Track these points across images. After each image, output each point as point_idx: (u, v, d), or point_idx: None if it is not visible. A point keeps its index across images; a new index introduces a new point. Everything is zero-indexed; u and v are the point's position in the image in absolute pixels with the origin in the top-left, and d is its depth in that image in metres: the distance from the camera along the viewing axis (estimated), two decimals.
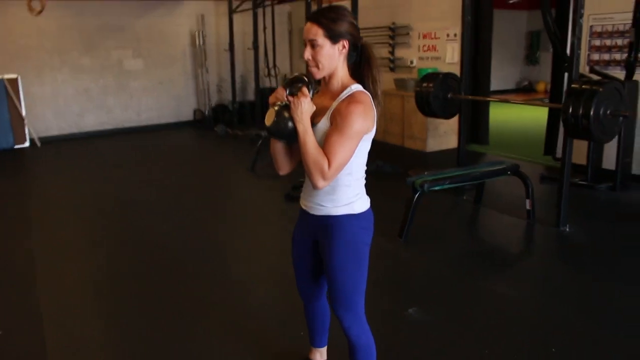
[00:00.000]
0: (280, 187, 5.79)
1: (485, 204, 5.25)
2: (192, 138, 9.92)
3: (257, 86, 9.28)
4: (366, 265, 2.05)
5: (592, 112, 3.89)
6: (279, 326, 3.07)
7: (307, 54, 1.91)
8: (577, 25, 4.20)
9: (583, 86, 4.03)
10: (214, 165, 7.66)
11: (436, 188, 4.48)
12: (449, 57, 7.93)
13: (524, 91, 14.84)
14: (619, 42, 5.80)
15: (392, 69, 8.94)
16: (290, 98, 1.91)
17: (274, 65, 10.14)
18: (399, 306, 3.28)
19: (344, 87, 1.94)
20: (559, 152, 6.67)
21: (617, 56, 5.84)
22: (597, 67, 5.82)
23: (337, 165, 1.84)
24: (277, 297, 3.48)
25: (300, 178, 5.79)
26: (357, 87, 1.93)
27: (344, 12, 1.92)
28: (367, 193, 2.03)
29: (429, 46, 8.29)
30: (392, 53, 8.92)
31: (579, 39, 4.25)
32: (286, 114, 1.88)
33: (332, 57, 1.91)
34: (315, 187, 1.89)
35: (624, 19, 5.63)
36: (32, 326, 3.13)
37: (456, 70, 6.12)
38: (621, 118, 4.12)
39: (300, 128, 1.86)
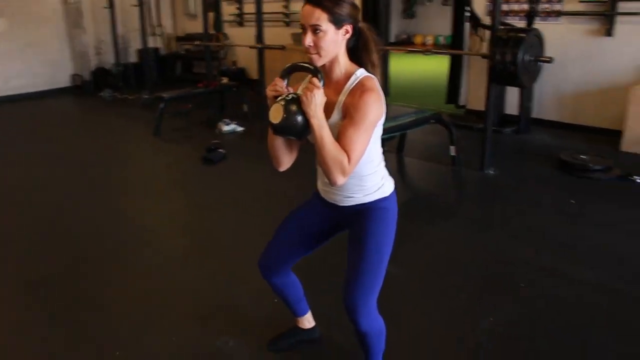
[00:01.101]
0: (193, 151, 5.57)
1: (407, 154, 5.38)
2: (75, 105, 9.09)
3: (145, 47, 8.65)
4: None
5: (519, 59, 4.08)
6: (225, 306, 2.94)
7: (309, 40, 1.74)
8: None
9: (509, 34, 4.21)
10: (110, 133, 7.04)
11: (386, 136, 4.49)
12: None
13: (403, 44, 15.30)
14: None
15: (287, 24, 8.76)
16: (290, 89, 1.79)
17: (159, 24, 9.52)
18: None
19: (347, 75, 1.82)
20: (461, 100, 7.02)
21: (516, 7, 6.19)
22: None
23: (356, 159, 1.75)
24: (210, 275, 3.31)
25: (214, 139, 5.74)
26: (361, 72, 1.81)
27: None
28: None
29: None
30: (286, 7, 8.72)
31: None
32: (294, 108, 1.72)
33: (336, 44, 1.77)
34: (333, 184, 1.77)
35: None
36: None
37: None
38: (540, 63, 4.38)
39: (315, 123, 1.71)
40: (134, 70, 9.96)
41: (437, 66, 8.60)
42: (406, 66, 11.63)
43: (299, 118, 1.72)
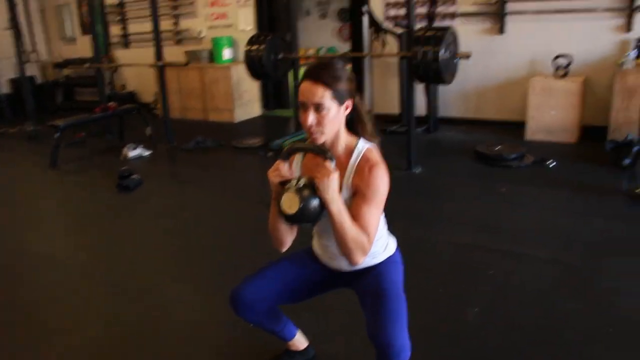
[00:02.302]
0: (102, 180, 5.14)
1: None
2: None
3: (23, 74, 7.84)
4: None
5: (441, 56, 4.19)
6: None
7: (312, 118, 1.67)
8: None
9: (428, 33, 4.31)
10: None
11: None
12: (243, 24, 7.78)
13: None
14: None
15: (178, 42, 8.43)
16: (294, 171, 1.81)
17: (33, 50, 8.75)
18: None
19: (349, 149, 1.78)
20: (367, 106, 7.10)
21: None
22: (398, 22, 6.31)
23: (374, 235, 1.74)
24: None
25: (123, 166, 5.32)
26: (362, 144, 1.78)
27: (342, 67, 1.74)
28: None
29: (218, 14, 8.00)
30: (176, 24, 8.39)
31: None
32: (310, 195, 1.64)
33: (338, 120, 1.72)
34: (355, 264, 1.73)
35: None
36: None
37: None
38: (457, 60, 4.54)
39: (334, 209, 1.64)
40: (7, 102, 9.03)
41: None
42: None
43: (316, 205, 1.65)
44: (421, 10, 6.28)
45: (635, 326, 2.41)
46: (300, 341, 2.25)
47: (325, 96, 1.66)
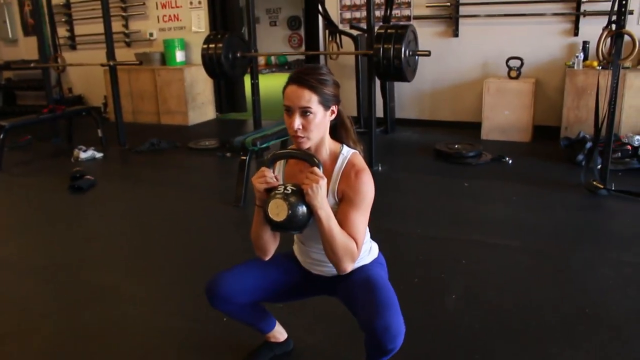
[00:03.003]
0: (53, 182, 4.92)
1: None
2: None
3: None
4: None
5: (402, 54, 4.23)
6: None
7: (297, 123, 1.65)
8: None
9: (389, 31, 4.34)
10: None
11: (265, 145, 4.35)
12: (196, 26, 7.65)
13: None
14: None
15: (127, 44, 8.20)
16: (279, 177, 1.78)
17: None
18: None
19: (333, 155, 1.76)
20: None
21: None
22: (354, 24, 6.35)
23: (362, 241, 1.74)
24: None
25: (75, 167, 5.09)
26: (347, 150, 1.78)
27: (327, 72, 1.74)
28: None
29: (170, 16, 7.84)
30: (125, 26, 8.16)
31: None
32: (297, 202, 1.60)
33: (324, 125, 1.71)
34: (343, 271, 1.72)
35: None
36: None
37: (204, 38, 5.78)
38: (417, 57, 4.59)
39: (322, 215, 1.62)
40: None
41: (277, 83, 8.66)
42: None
43: (304, 212, 1.62)
44: (377, 13, 6.34)
45: (608, 307, 2.47)
46: (280, 332, 2.18)
47: (312, 100, 1.64)
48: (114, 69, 6.04)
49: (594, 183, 3.97)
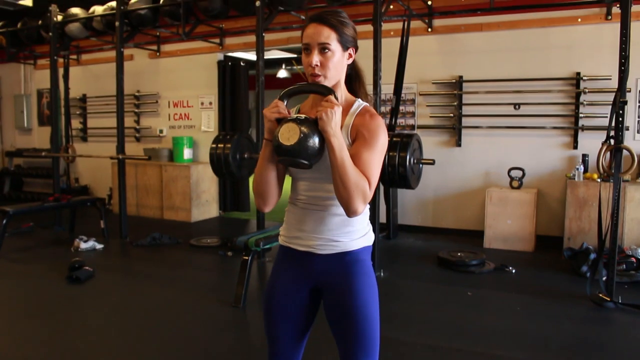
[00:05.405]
0: (51, 271, 4.84)
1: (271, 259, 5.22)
2: None
3: None
4: None
5: (407, 162, 4.33)
6: None
7: (316, 59, 1.67)
8: (377, 86, 4.66)
9: (394, 139, 4.47)
10: None
11: (268, 246, 4.34)
12: (205, 125, 7.90)
13: None
14: (383, 109, 6.59)
15: (137, 139, 8.41)
16: (292, 112, 1.71)
17: None
18: None
19: (348, 102, 1.76)
20: None
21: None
22: None
23: (375, 184, 1.65)
24: None
25: (74, 257, 5.04)
26: (362, 102, 1.77)
27: (347, 16, 1.76)
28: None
29: (181, 114, 8.11)
30: (137, 122, 8.42)
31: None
32: (310, 128, 1.57)
33: (342, 66, 1.73)
34: (353, 213, 1.61)
35: (385, 90, 6.39)
36: None
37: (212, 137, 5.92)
38: (421, 165, 4.69)
39: (335, 143, 1.58)
40: None
41: None
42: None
43: (316, 141, 1.58)
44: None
45: None
46: None
47: (330, 37, 1.65)
48: (123, 163, 6.16)
49: (600, 295, 3.91)
